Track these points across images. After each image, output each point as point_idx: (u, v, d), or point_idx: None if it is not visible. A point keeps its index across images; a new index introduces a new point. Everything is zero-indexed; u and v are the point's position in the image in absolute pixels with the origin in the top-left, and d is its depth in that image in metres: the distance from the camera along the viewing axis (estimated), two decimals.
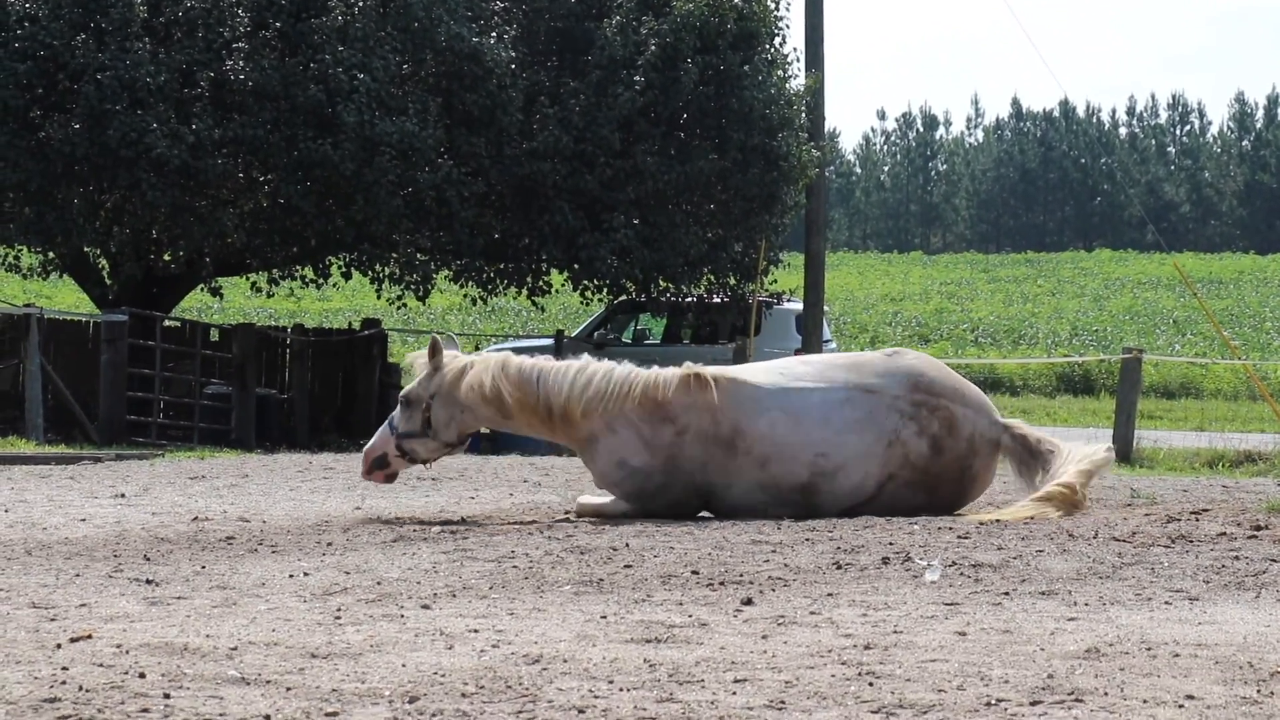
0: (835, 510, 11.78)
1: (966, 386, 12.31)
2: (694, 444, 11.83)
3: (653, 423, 11.83)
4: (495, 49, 29.27)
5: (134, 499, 13.69)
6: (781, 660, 6.44)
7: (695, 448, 11.83)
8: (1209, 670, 6.28)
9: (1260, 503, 13.05)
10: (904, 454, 11.87)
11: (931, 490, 11.92)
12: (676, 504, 11.89)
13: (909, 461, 11.87)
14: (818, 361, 12.47)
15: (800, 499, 11.83)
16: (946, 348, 55.81)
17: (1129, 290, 76.54)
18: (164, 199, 27.38)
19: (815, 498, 11.82)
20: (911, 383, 12.04)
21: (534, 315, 55.30)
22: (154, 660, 6.38)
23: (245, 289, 35.80)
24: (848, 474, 11.84)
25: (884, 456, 11.85)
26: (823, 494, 11.81)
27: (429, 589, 8.39)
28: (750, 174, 30.65)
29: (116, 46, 27.30)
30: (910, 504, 11.83)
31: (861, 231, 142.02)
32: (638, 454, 11.83)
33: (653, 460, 11.82)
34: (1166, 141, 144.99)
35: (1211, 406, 41.96)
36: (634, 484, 11.85)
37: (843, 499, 11.81)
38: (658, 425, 11.83)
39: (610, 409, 11.82)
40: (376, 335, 32.60)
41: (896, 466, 11.87)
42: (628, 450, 11.84)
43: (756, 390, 12.00)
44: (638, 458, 11.83)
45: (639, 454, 11.83)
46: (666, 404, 11.82)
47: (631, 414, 11.83)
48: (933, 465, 11.91)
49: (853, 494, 11.83)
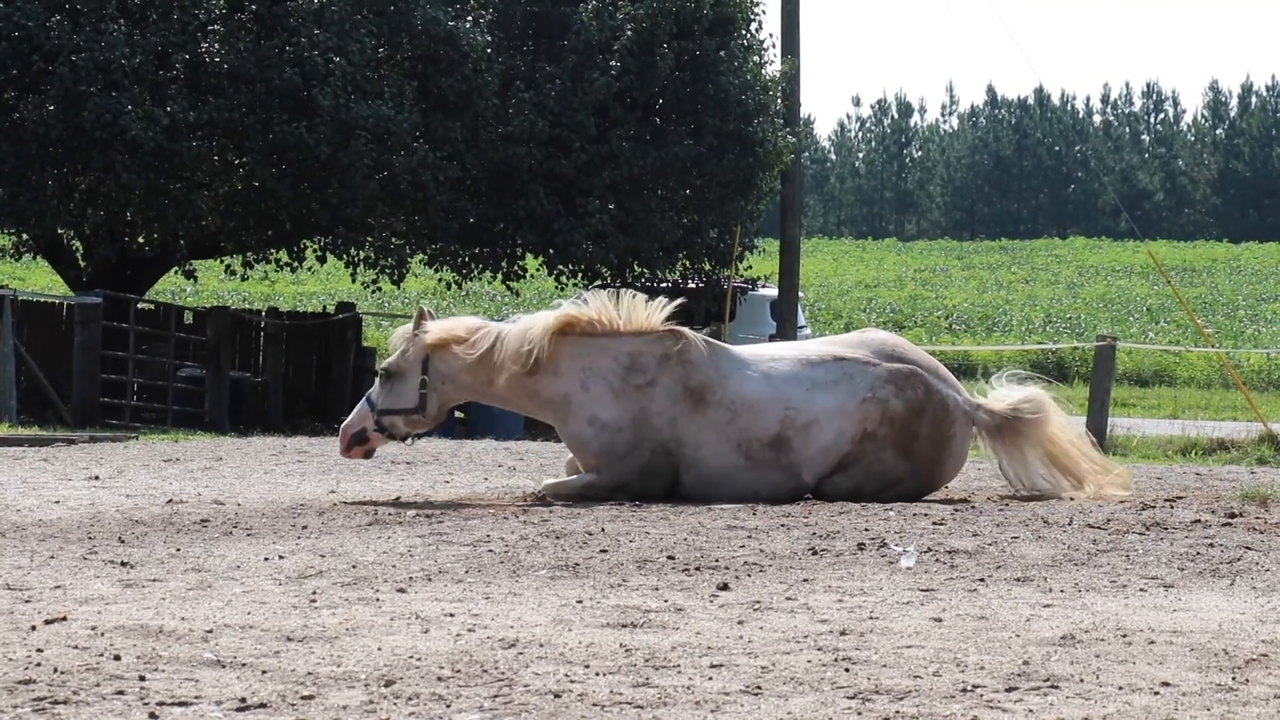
0: (813, 472, 11.83)
1: (940, 366, 12.44)
2: (663, 397, 11.91)
3: (624, 373, 11.90)
4: (471, 33, 29.23)
5: (108, 481, 13.66)
6: (757, 646, 6.44)
7: (664, 400, 11.90)
8: (1184, 657, 6.30)
9: (1234, 490, 13.09)
10: (881, 411, 11.91)
11: (909, 451, 11.93)
12: (646, 469, 11.87)
13: (886, 417, 11.91)
14: (794, 340, 12.69)
15: (772, 456, 11.84)
16: (921, 334, 55.86)
17: (1103, 278, 76.67)
18: (138, 181, 27.30)
19: (788, 454, 11.84)
20: (886, 352, 12.20)
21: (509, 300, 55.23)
22: (129, 642, 6.36)
23: (219, 272, 35.76)
24: (820, 429, 11.88)
25: (859, 413, 11.91)
26: (795, 450, 11.83)
27: (404, 573, 8.38)
28: (726, 160, 30.65)
29: (91, 28, 27.21)
30: (890, 471, 11.86)
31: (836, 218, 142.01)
32: (608, 408, 11.88)
33: (623, 414, 11.87)
34: (1141, 129, 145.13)
35: (1185, 394, 42.06)
36: (604, 441, 11.87)
37: (817, 457, 11.84)
38: (628, 374, 11.91)
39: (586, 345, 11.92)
40: (351, 319, 32.55)
41: (873, 424, 11.91)
42: (599, 405, 11.89)
43: (729, 351, 12.26)
44: (608, 412, 11.87)
45: (609, 408, 11.88)
46: (639, 353, 11.92)
47: (606, 365, 11.91)
48: (911, 424, 11.95)
49: (827, 451, 11.85)
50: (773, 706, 5.47)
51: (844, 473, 11.89)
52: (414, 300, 59.07)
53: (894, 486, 11.90)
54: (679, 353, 11.95)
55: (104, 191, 28.55)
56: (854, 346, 12.25)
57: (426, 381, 12.15)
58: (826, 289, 70.73)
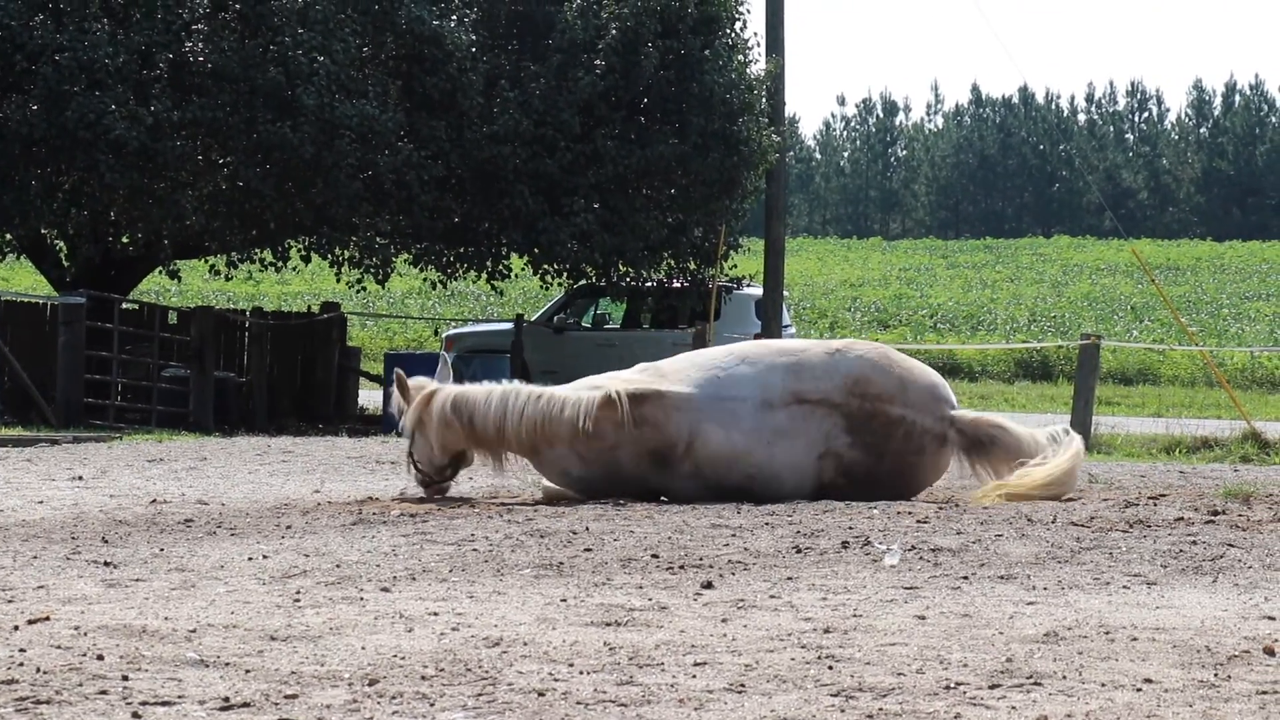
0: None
1: (913, 380, 12.21)
2: (628, 457, 12.11)
3: (583, 441, 12.08)
4: (455, 32, 29.22)
5: (92, 481, 13.65)
6: (741, 644, 6.45)
7: (630, 459, 12.11)
8: (1167, 654, 6.31)
9: (1217, 488, 13.12)
10: (837, 464, 12.00)
11: (873, 491, 11.95)
12: (628, 492, 12.14)
13: (843, 469, 11.99)
14: (762, 359, 12.30)
15: (739, 497, 11.98)
16: (905, 333, 55.91)
17: (1087, 276, 76.75)
18: (122, 181, 27.25)
19: (753, 498, 11.96)
20: (849, 386, 12.04)
21: (494, 299, 55.20)
22: (112, 642, 6.36)
23: (203, 272, 35.73)
24: (781, 482, 11.99)
25: (816, 468, 12.01)
26: (759, 497, 11.95)
27: (389, 572, 8.38)
28: (710, 159, 30.65)
29: (75, 27, 27.16)
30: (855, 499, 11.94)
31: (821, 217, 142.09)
32: (577, 466, 12.19)
33: (592, 470, 12.16)
34: (1125, 128, 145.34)
35: (1169, 393, 42.11)
36: (581, 488, 12.23)
37: (783, 500, 11.92)
38: (591, 442, 12.08)
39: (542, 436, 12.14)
40: (336, 319, 32.53)
41: (830, 475, 12.01)
42: (569, 462, 12.20)
43: (683, 403, 12.10)
44: (578, 469, 12.20)
45: (578, 466, 12.19)
46: (596, 420, 12.04)
47: (563, 433, 12.09)
48: (872, 470, 12.00)
49: (791, 497, 11.97)
50: (756, 704, 5.48)
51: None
52: (399, 300, 59.00)
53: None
54: (633, 416, 12.03)
55: (87, 191, 28.49)
56: (820, 378, 12.10)
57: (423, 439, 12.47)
58: (811, 288, 70.76)
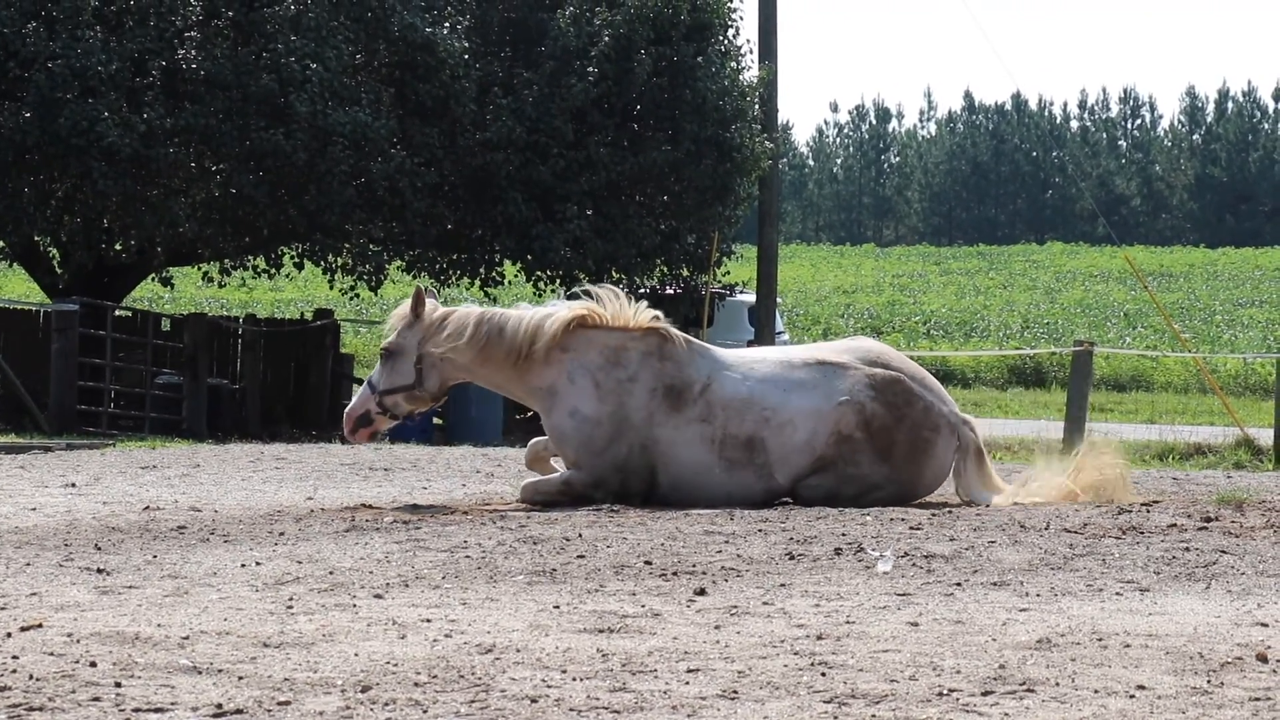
0: (786, 473, 11.88)
1: (928, 375, 12.46)
2: (643, 392, 12.02)
3: (608, 368, 12.05)
4: (448, 39, 29.22)
5: (85, 488, 13.64)
6: (734, 650, 6.45)
7: (644, 396, 12.01)
8: (1160, 661, 6.31)
9: (1210, 495, 13.12)
10: (858, 414, 11.92)
11: (887, 457, 11.92)
12: (624, 466, 11.97)
13: (863, 420, 11.92)
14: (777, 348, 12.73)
15: (746, 456, 11.91)
16: (899, 340, 55.93)
17: (1080, 283, 76.82)
18: (115, 188, 27.25)
19: (762, 454, 11.90)
20: (872, 359, 12.24)
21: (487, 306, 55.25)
22: (105, 649, 6.35)
23: (197, 279, 35.68)
24: (795, 429, 11.91)
25: (834, 414, 11.93)
26: (769, 450, 11.89)
27: (382, 579, 8.37)
28: (703, 165, 30.66)
29: (68, 35, 27.16)
30: (867, 475, 11.88)
31: (814, 224, 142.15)
32: (589, 402, 12.01)
33: (602, 408, 11.99)
34: (1118, 135, 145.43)
35: (1162, 399, 42.15)
36: (583, 435, 11.99)
37: (790, 458, 11.88)
38: (612, 369, 12.05)
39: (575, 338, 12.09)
40: (329, 325, 32.52)
41: (849, 426, 11.90)
42: (581, 398, 12.02)
43: (711, 351, 12.35)
44: (589, 405, 12.00)
45: (590, 402, 12.01)
46: (624, 348, 12.06)
47: (592, 358, 12.07)
48: (890, 429, 11.95)
49: (800, 452, 11.89)
50: (749, 711, 5.48)
51: (819, 475, 11.91)
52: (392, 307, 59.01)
53: (872, 492, 11.88)
54: (661, 351, 12.06)
55: (80, 198, 28.49)
56: (840, 352, 12.32)
57: (424, 358, 12.29)
58: (804, 295, 70.79)
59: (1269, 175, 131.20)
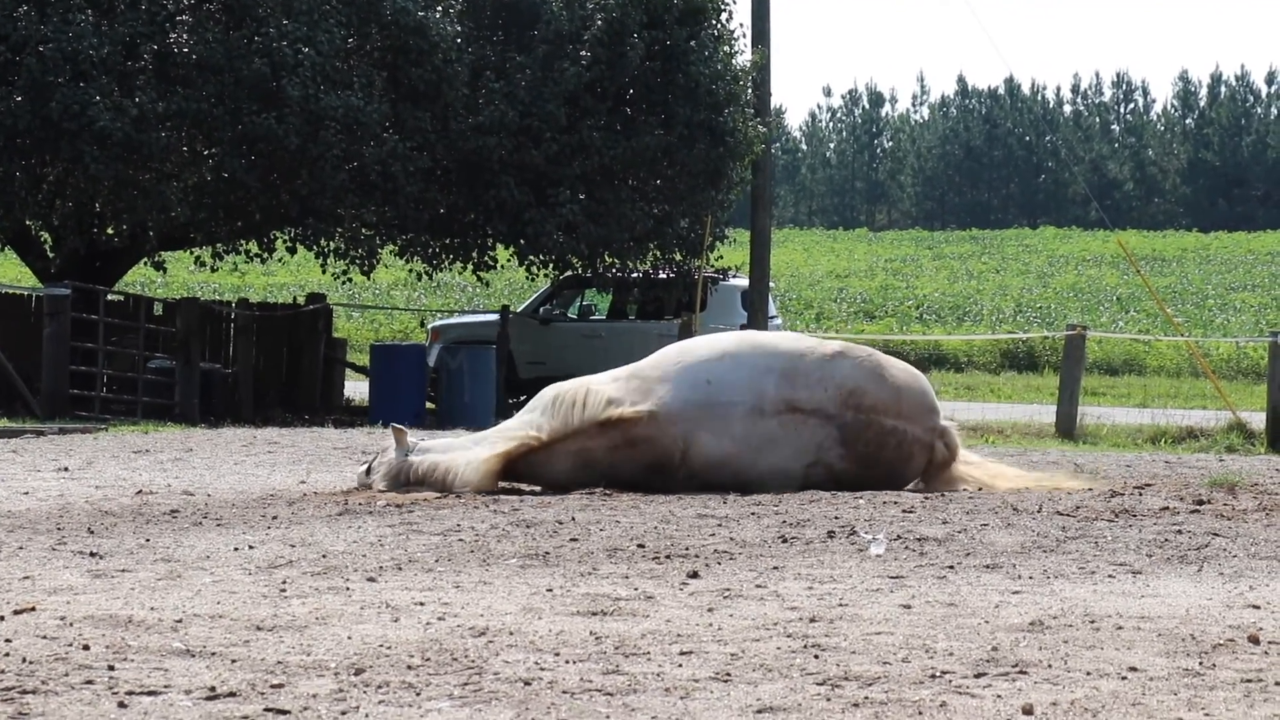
0: None
1: (907, 390, 12.20)
2: (626, 472, 12.06)
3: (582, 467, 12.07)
4: (441, 23, 29.18)
5: (77, 472, 13.64)
6: (727, 633, 6.45)
7: (628, 474, 12.06)
8: (1152, 643, 6.32)
9: (1202, 478, 13.15)
10: (827, 473, 11.99)
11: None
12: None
13: (833, 479, 11.97)
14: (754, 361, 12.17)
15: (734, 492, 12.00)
16: (891, 324, 55.93)
17: (1073, 267, 76.81)
18: (107, 172, 27.20)
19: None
20: (844, 398, 12.02)
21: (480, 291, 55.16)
22: (98, 633, 6.35)
23: (189, 263, 35.65)
24: (765, 488, 11.94)
25: (803, 475, 11.96)
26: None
27: (374, 562, 8.38)
28: (696, 150, 30.62)
29: (59, 18, 27.10)
30: None
31: (807, 208, 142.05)
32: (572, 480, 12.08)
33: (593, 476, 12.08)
34: (1110, 119, 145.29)
35: (1154, 383, 42.16)
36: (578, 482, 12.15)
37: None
38: (585, 468, 12.08)
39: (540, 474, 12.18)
40: (321, 310, 32.47)
41: (817, 484, 11.93)
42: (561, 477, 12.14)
43: (676, 415, 12.03)
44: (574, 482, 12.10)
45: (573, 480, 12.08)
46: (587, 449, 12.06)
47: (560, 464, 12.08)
48: (861, 479, 11.99)
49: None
50: (742, 693, 5.48)
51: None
52: (385, 291, 58.91)
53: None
54: (625, 440, 12.02)
55: (72, 183, 28.44)
56: (813, 386, 12.05)
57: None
58: (797, 279, 70.76)
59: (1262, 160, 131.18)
